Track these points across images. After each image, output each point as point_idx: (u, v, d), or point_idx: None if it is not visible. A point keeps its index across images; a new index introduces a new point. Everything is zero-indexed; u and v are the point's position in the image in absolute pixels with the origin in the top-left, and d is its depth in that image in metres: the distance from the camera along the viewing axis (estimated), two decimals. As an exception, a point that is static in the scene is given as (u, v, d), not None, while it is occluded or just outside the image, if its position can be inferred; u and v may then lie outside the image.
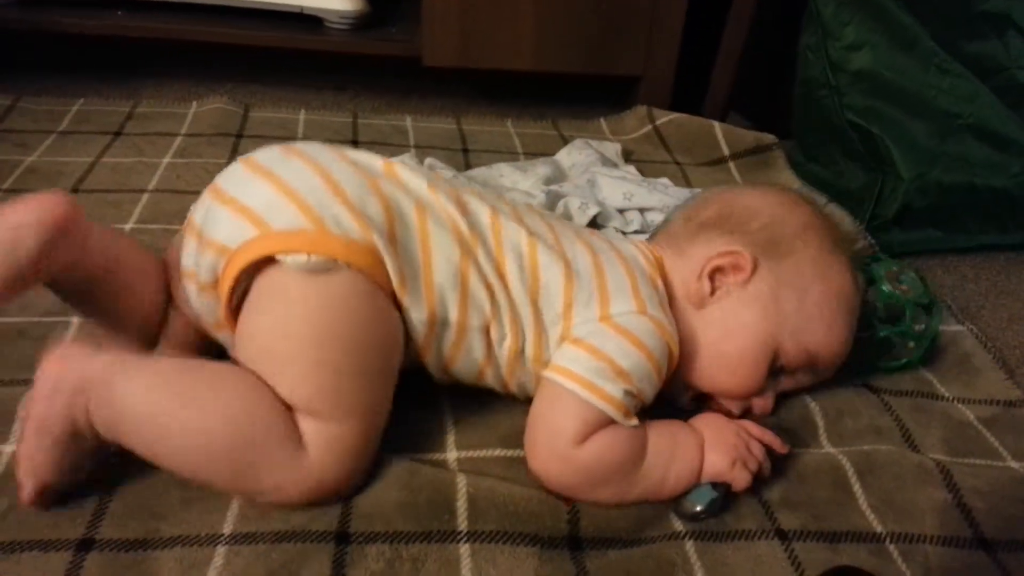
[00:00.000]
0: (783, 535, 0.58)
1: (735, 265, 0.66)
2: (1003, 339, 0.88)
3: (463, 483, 0.57)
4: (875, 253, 0.80)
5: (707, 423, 0.62)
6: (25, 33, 1.27)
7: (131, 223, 0.89)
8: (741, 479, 0.59)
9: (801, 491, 0.62)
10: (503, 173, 1.02)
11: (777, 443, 0.62)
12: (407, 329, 0.59)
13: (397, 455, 0.60)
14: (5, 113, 1.15)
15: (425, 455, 0.62)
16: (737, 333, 0.65)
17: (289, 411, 0.54)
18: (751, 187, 0.73)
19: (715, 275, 0.66)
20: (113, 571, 0.50)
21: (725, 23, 1.32)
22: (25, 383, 0.64)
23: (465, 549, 0.53)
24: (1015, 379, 0.78)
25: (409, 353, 0.60)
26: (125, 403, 0.52)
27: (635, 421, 0.59)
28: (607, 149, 1.14)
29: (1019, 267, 1.04)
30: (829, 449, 0.66)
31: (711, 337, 0.65)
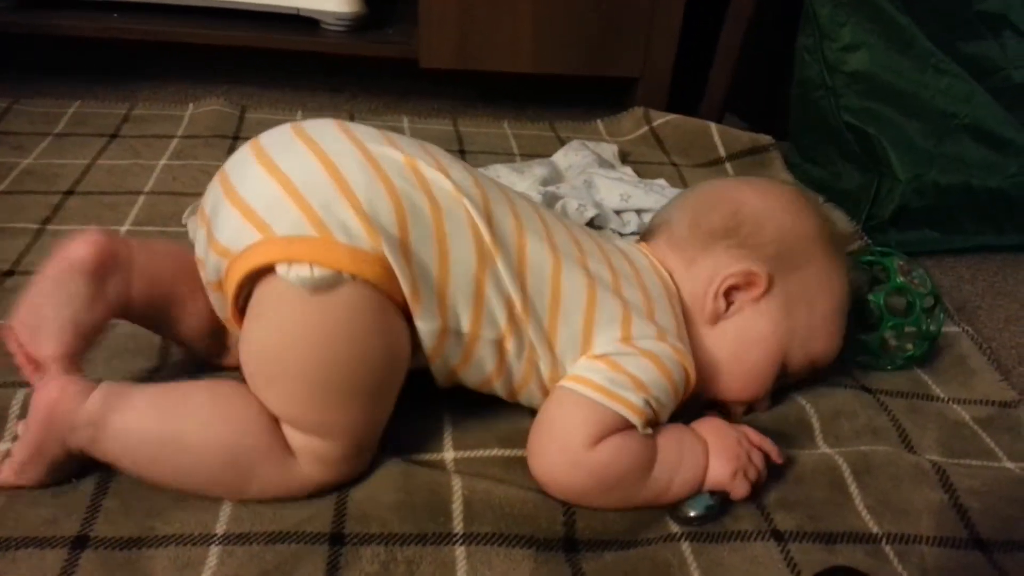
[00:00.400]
0: (779, 536, 0.58)
1: (749, 283, 0.65)
2: (999, 340, 0.88)
3: (459, 485, 0.57)
4: (887, 247, 0.80)
5: (710, 429, 0.61)
6: (22, 35, 1.27)
7: (127, 225, 0.89)
8: (741, 489, 0.59)
9: (797, 492, 0.62)
10: (500, 175, 1.02)
11: (775, 452, 0.61)
12: (416, 338, 0.56)
13: (393, 455, 0.60)
14: (1, 115, 1.15)
15: (422, 455, 0.62)
16: (751, 347, 0.65)
17: (276, 422, 0.55)
18: (752, 184, 0.73)
19: (730, 292, 0.66)
20: (108, 569, 0.50)
21: (722, 24, 1.32)
22: (20, 384, 0.64)
23: (460, 551, 0.53)
24: (1011, 380, 0.78)
25: (415, 360, 0.58)
26: (120, 439, 0.53)
27: (650, 430, 0.58)
28: (604, 150, 1.14)
29: (1015, 268, 1.05)
30: (825, 450, 0.66)
31: (725, 352, 0.65)
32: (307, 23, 1.33)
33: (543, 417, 0.59)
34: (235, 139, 1.13)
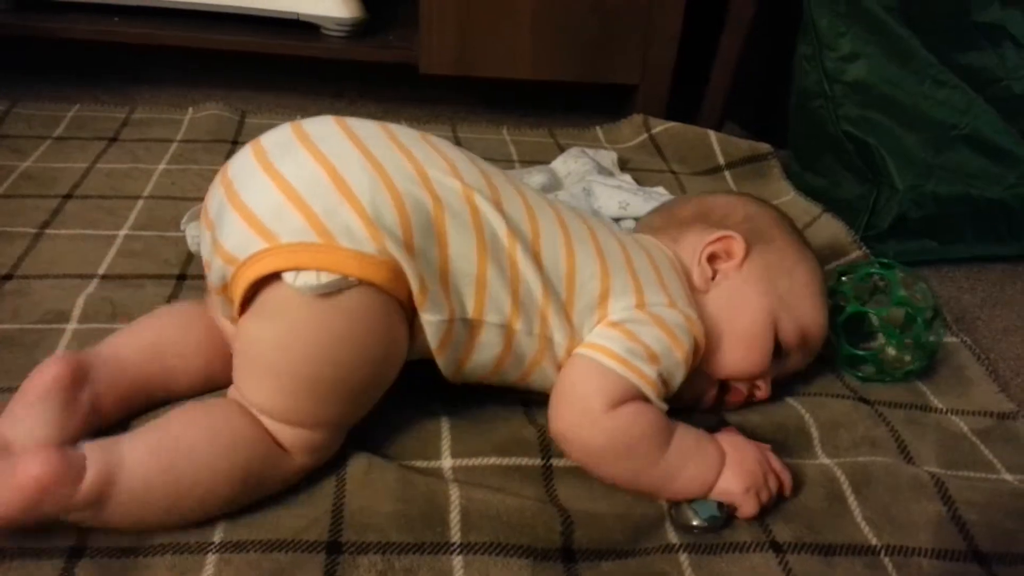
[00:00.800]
0: (778, 547, 0.58)
1: (728, 251, 0.70)
2: (998, 350, 0.88)
3: (456, 494, 0.57)
4: (889, 259, 0.80)
5: (732, 443, 0.61)
6: (21, 38, 1.27)
7: (125, 229, 0.89)
8: (749, 507, 0.59)
9: (796, 503, 0.61)
10: (499, 181, 1.02)
11: (788, 486, 0.61)
12: (425, 333, 0.57)
13: (391, 464, 0.60)
14: (0, 118, 1.15)
15: (420, 463, 0.62)
16: (743, 310, 0.68)
17: (261, 428, 0.55)
18: (716, 193, 0.80)
19: (711, 261, 0.70)
20: (103, 580, 0.50)
21: (721, 32, 1.32)
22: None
23: (458, 561, 0.53)
24: (1009, 391, 0.78)
25: (419, 351, 0.60)
26: (127, 501, 0.50)
27: (665, 406, 0.60)
28: (603, 158, 1.14)
29: (1014, 278, 1.05)
30: (824, 460, 0.66)
31: (722, 318, 0.67)
32: (307, 28, 1.33)
33: (563, 383, 0.61)
34: (235, 144, 1.13)
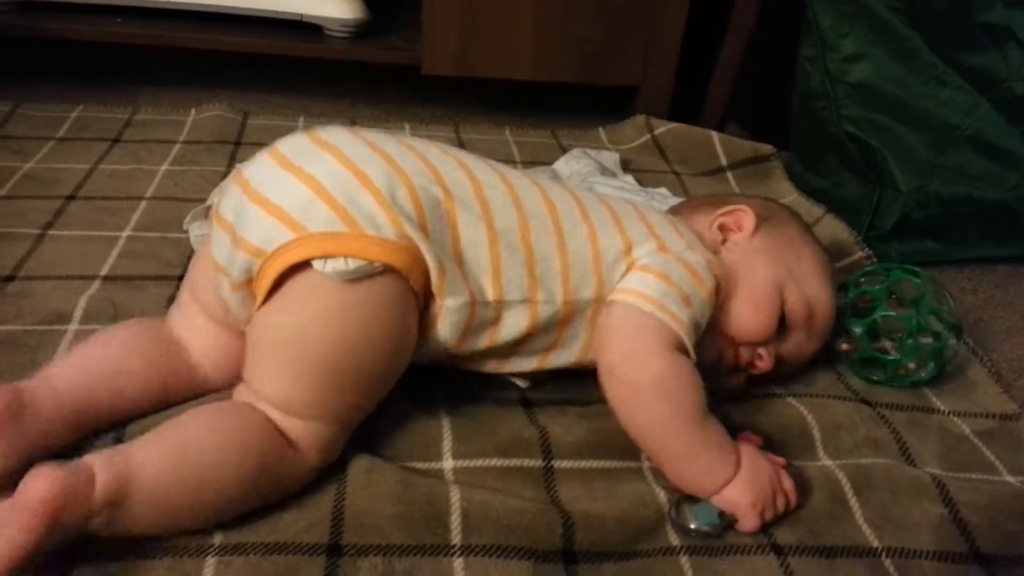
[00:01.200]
0: (779, 550, 0.57)
1: (739, 223, 0.73)
2: (1000, 352, 0.88)
3: (457, 496, 0.57)
4: (914, 268, 0.80)
5: (750, 455, 0.60)
6: (24, 39, 1.27)
7: (128, 230, 0.89)
8: (751, 523, 0.58)
9: (797, 505, 0.61)
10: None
11: (793, 504, 0.60)
12: (445, 324, 0.59)
13: (392, 465, 0.60)
14: (3, 119, 1.15)
15: (421, 464, 0.62)
16: (752, 273, 0.70)
17: (271, 425, 0.55)
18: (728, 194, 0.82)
19: (722, 231, 0.73)
20: (103, 583, 0.50)
21: (724, 33, 1.32)
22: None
23: (459, 563, 0.53)
24: (1012, 393, 0.78)
25: (430, 353, 0.61)
26: (144, 501, 0.50)
27: (695, 359, 0.62)
28: (605, 158, 1.14)
29: (1017, 280, 1.04)
30: (826, 462, 0.66)
31: (731, 279, 0.69)
32: (310, 29, 1.33)
33: (607, 324, 0.63)
34: (237, 145, 1.13)
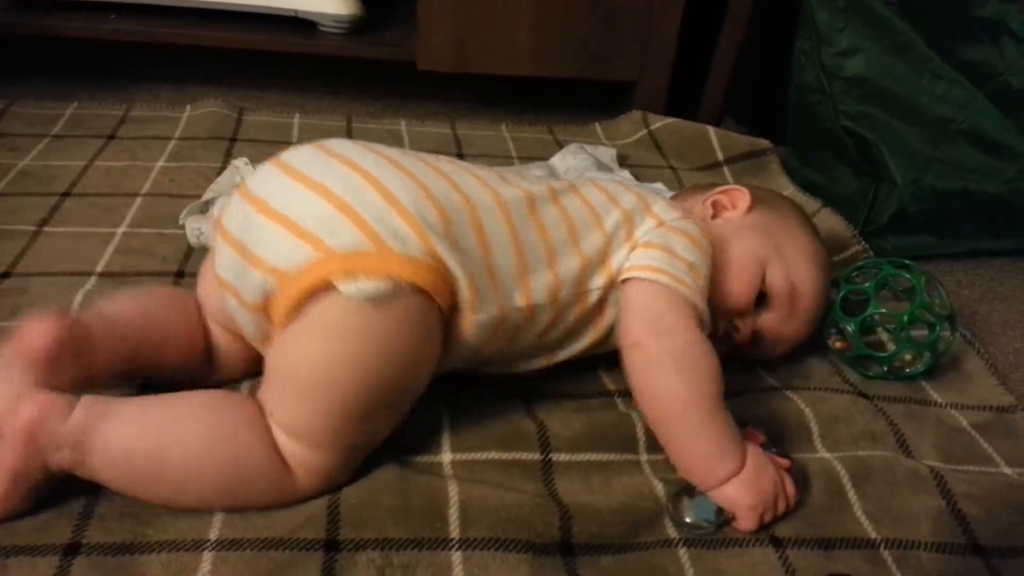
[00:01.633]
0: (777, 542, 0.57)
1: (733, 202, 0.75)
2: (997, 344, 0.88)
3: (455, 490, 0.57)
4: (906, 261, 0.80)
5: (755, 456, 0.60)
6: (18, 36, 1.26)
7: (123, 227, 0.89)
8: (749, 523, 0.58)
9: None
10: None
11: (791, 505, 0.60)
12: (470, 337, 0.58)
13: (390, 458, 0.60)
14: (-2, 116, 1.15)
15: (420, 456, 0.62)
16: (735, 243, 0.71)
17: (270, 436, 0.54)
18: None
19: (715, 207, 0.75)
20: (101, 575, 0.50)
21: (720, 28, 1.32)
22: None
23: (457, 556, 0.53)
24: (1008, 385, 0.78)
25: (459, 360, 0.61)
26: (107, 455, 0.51)
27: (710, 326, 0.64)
28: (602, 153, 1.14)
29: (1013, 273, 1.05)
30: (824, 455, 0.66)
31: (716, 248, 0.70)
32: (305, 25, 1.33)
33: (627, 303, 0.64)
34: (232, 141, 1.13)
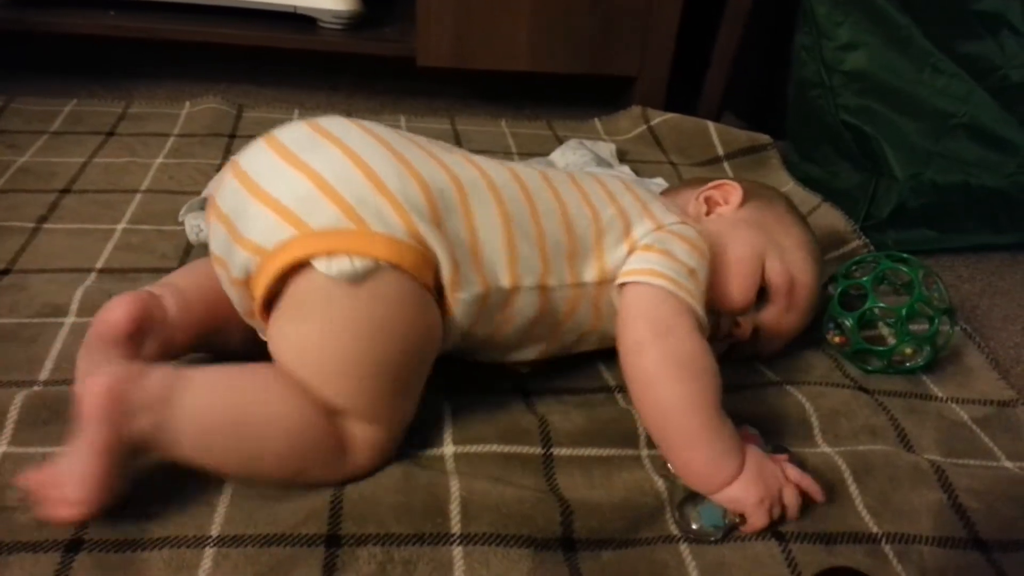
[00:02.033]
0: (780, 536, 0.57)
1: (726, 197, 0.75)
2: (997, 339, 0.88)
3: (456, 485, 0.57)
4: (904, 253, 0.80)
5: (756, 456, 0.59)
6: (17, 33, 1.26)
7: (123, 223, 0.89)
8: (759, 520, 0.57)
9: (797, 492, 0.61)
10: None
11: (816, 491, 0.59)
12: (457, 315, 0.58)
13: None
14: (-3, 113, 1.14)
15: (422, 449, 0.62)
16: (733, 241, 0.71)
17: (330, 415, 0.55)
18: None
19: (707, 203, 0.75)
20: (102, 572, 0.50)
21: (720, 23, 1.31)
22: (17, 384, 0.64)
23: (458, 551, 0.53)
24: (1009, 379, 0.78)
25: (451, 340, 0.60)
26: (189, 418, 0.51)
27: (709, 330, 0.64)
28: (601, 149, 1.14)
29: (1013, 267, 1.04)
30: (825, 449, 0.66)
31: (714, 247, 0.69)
32: (305, 21, 1.33)
33: (628, 309, 0.62)
34: (232, 137, 1.13)
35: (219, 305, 0.61)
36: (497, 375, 0.69)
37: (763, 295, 0.71)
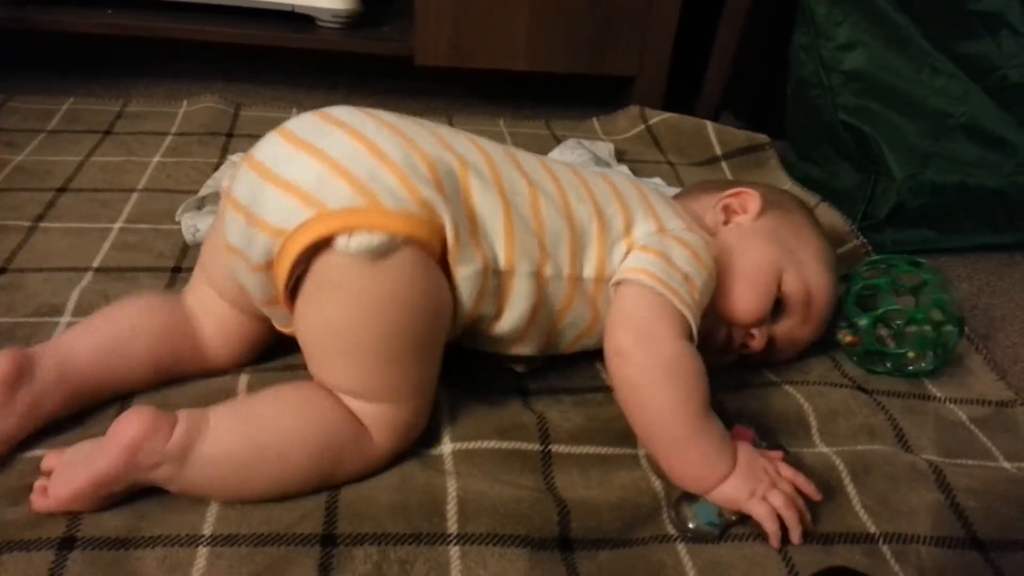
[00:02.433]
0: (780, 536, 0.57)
1: (744, 205, 0.73)
2: (995, 339, 0.88)
3: (453, 485, 0.57)
4: (919, 260, 0.79)
5: (747, 453, 0.59)
6: (15, 31, 1.26)
7: (120, 222, 0.89)
8: (761, 511, 0.56)
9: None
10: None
11: (811, 489, 0.59)
12: (459, 294, 0.59)
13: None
14: (-6, 112, 1.14)
15: (420, 446, 0.61)
16: (750, 253, 0.70)
17: (346, 407, 0.57)
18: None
19: (725, 211, 0.74)
20: (96, 570, 0.50)
21: (718, 22, 1.31)
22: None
23: (455, 551, 0.53)
24: (1007, 379, 0.78)
25: (459, 322, 0.61)
26: (207, 465, 0.53)
27: (697, 340, 0.62)
28: (600, 149, 1.14)
29: (1012, 267, 1.04)
30: (823, 449, 0.66)
31: (728, 258, 0.69)
32: (303, 20, 1.32)
33: (619, 310, 0.62)
34: (229, 136, 1.13)
35: (110, 363, 0.61)
36: (495, 374, 0.69)
37: (779, 307, 0.70)
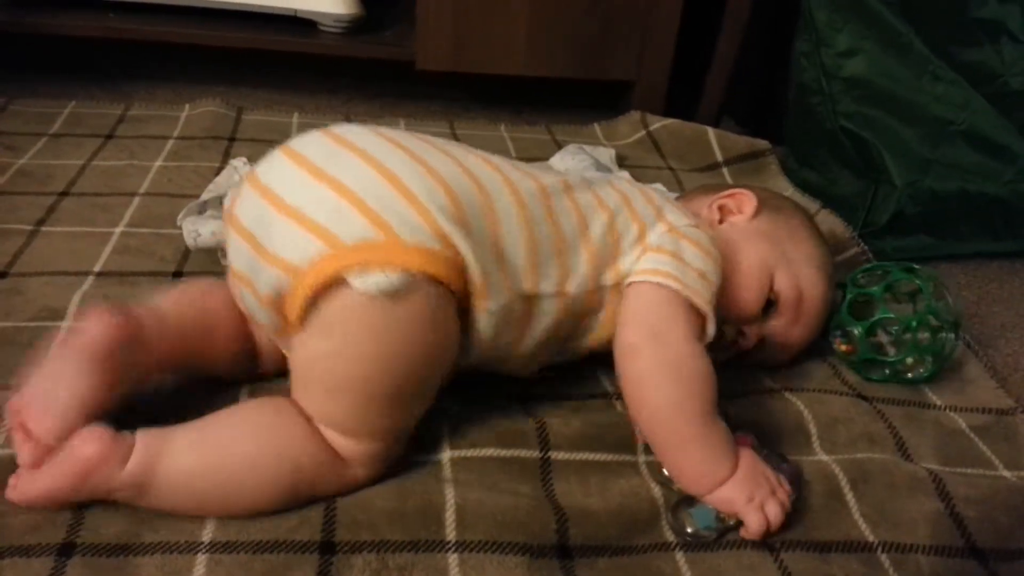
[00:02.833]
0: (773, 544, 0.57)
1: (739, 206, 0.74)
2: (995, 347, 0.88)
3: (451, 493, 0.57)
4: (914, 266, 0.79)
5: (749, 458, 0.59)
6: (17, 35, 1.26)
7: (121, 226, 0.89)
8: (753, 517, 0.56)
9: (793, 500, 0.61)
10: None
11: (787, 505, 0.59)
12: (481, 328, 0.58)
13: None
14: (-4, 115, 1.14)
15: (419, 453, 0.61)
16: (743, 250, 0.70)
17: (320, 436, 0.55)
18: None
19: (720, 211, 0.74)
20: (96, 577, 0.50)
21: (719, 28, 1.31)
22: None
23: (453, 559, 0.53)
24: (1007, 387, 0.78)
25: (468, 357, 0.60)
26: (168, 491, 0.53)
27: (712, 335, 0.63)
28: (601, 154, 1.14)
29: (1012, 275, 1.04)
30: (822, 457, 0.66)
31: (723, 256, 0.68)
32: (304, 25, 1.33)
33: (631, 307, 0.62)
34: (231, 141, 1.13)
35: (201, 333, 0.61)
36: (496, 381, 0.69)
37: (771, 307, 0.71)
